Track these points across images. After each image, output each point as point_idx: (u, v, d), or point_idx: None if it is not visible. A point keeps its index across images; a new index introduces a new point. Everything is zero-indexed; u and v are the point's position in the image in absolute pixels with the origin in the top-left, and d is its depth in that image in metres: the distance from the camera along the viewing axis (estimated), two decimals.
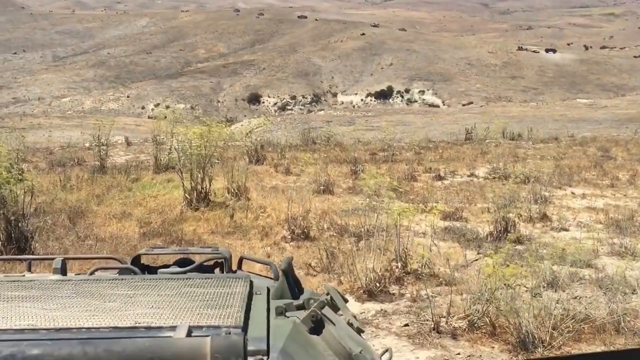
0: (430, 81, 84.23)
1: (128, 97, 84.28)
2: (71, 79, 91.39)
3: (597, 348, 7.15)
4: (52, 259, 2.80)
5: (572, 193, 15.96)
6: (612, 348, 7.15)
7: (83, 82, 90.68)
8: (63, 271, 2.73)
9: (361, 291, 8.87)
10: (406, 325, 7.91)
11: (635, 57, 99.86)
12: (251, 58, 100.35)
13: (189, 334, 1.72)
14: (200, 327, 1.80)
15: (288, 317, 2.16)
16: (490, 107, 66.73)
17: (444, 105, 76.37)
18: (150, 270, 3.05)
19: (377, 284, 8.95)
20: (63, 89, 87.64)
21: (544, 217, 13.14)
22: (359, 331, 2.41)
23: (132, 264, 2.97)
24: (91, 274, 2.81)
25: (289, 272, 2.62)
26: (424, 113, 59.39)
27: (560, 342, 7.13)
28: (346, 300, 2.56)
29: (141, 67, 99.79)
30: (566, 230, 12.57)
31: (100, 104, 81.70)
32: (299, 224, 11.78)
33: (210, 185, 14.08)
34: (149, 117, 65.30)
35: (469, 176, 18.28)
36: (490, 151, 22.51)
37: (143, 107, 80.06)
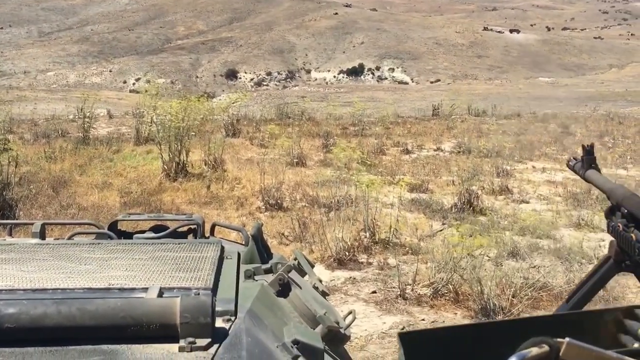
0: (399, 59, 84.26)
1: (111, 71, 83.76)
2: (56, 54, 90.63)
3: None
4: (32, 223, 2.78)
5: (533, 167, 16.03)
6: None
7: (67, 57, 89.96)
8: (42, 235, 2.72)
9: (331, 259, 8.86)
10: (374, 292, 7.91)
11: (595, 38, 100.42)
12: (229, 35, 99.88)
13: (160, 295, 1.72)
14: (171, 289, 1.80)
15: (256, 280, 2.17)
16: (456, 84, 66.90)
17: (412, 82, 76.46)
18: (126, 235, 3.06)
19: (347, 253, 8.95)
20: (48, 63, 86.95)
21: (506, 190, 13.18)
22: (324, 294, 2.41)
23: (109, 229, 2.97)
24: (69, 238, 2.80)
25: (258, 238, 2.62)
26: (393, 90, 59.47)
27: (520, 309, 7.14)
28: (312, 265, 2.57)
29: (123, 43, 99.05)
30: (527, 202, 12.61)
31: (84, 78, 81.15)
32: (273, 195, 11.75)
33: (187, 157, 14.03)
34: (130, 91, 64.98)
35: (435, 150, 18.30)
36: (456, 127, 22.56)
37: (125, 82, 79.60)
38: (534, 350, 1.10)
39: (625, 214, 2.17)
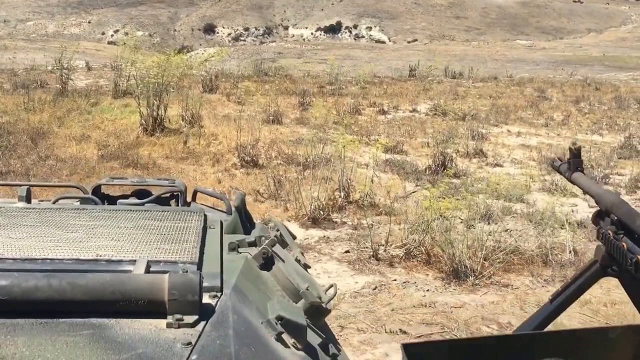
0: (377, 18, 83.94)
1: (89, 22, 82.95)
2: (35, 4, 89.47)
3: (526, 279, 7.25)
4: (18, 185, 2.78)
5: (508, 131, 16.09)
6: (543, 280, 7.25)
7: (47, 7, 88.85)
8: (28, 199, 2.72)
9: (305, 218, 8.90)
10: (347, 251, 7.95)
11: (574, 1, 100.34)
12: None
13: (147, 269, 1.75)
14: (158, 262, 1.83)
15: (240, 253, 2.18)
16: (434, 45, 66.79)
17: (389, 41, 76.25)
18: (110, 199, 3.07)
19: (321, 212, 8.98)
20: (28, 13, 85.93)
21: (480, 153, 13.23)
22: (306, 267, 2.41)
23: (92, 193, 2.98)
24: (54, 202, 2.79)
25: (241, 208, 2.64)
26: (370, 49, 59.30)
27: (491, 272, 7.21)
28: (294, 237, 2.58)
29: None
30: (501, 166, 12.69)
31: (62, 29, 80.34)
32: (249, 152, 11.76)
33: (165, 112, 13.98)
34: (108, 43, 64.36)
35: (411, 111, 18.33)
36: (432, 88, 22.57)
37: (103, 33, 78.87)
38: None
39: (615, 221, 2.19)
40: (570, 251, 7.92)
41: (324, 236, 8.44)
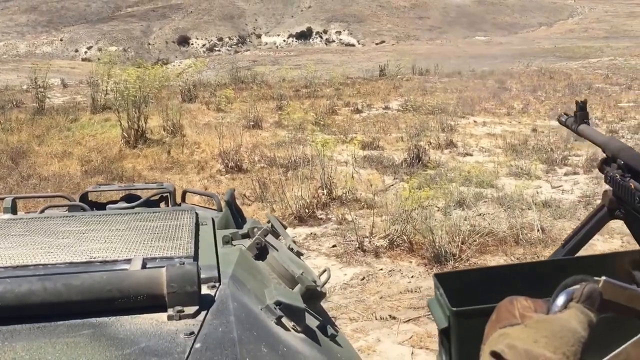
0: (346, 22, 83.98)
1: (61, 40, 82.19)
2: (4, 24, 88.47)
3: (500, 259, 7.48)
4: (2, 198, 2.76)
5: (474, 121, 16.34)
6: (516, 259, 7.48)
7: (16, 27, 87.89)
8: (14, 210, 2.70)
9: (292, 217, 9.01)
10: (334, 246, 8.10)
11: None
12: (179, 2, 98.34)
13: (143, 266, 1.72)
14: (153, 259, 1.80)
15: (234, 245, 2.18)
16: (400, 45, 67.03)
17: (359, 44, 76.34)
18: (99, 206, 3.06)
19: (306, 210, 9.12)
20: None
21: (451, 144, 13.46)
22: (299, 254, 2.43)
23: (80, 201, 2.98)
24: (41, 212, 2.79)
25: (232, 203, 2.64)
26: (341, 52, 59.34)
27: (469, 255, 7.42)
28: (285, 227, 2.58)
29: (72, 11, 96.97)
30: (470, 155, 12.93)
31: (34, 48, 79.56)
32: (232, 158, 11.84)
33: (146, 123, 13.97)
34: (82, 60, 63.96)
35: (384, 109, 18.50)
36: (402, 86, 22.76)
37: (76, 50, 78.22)
38: (580, 286, 1.06)
39: (621, 165, 2.32)
40: (538, 229, 8.18)
41: (311, 233, 8.59)
